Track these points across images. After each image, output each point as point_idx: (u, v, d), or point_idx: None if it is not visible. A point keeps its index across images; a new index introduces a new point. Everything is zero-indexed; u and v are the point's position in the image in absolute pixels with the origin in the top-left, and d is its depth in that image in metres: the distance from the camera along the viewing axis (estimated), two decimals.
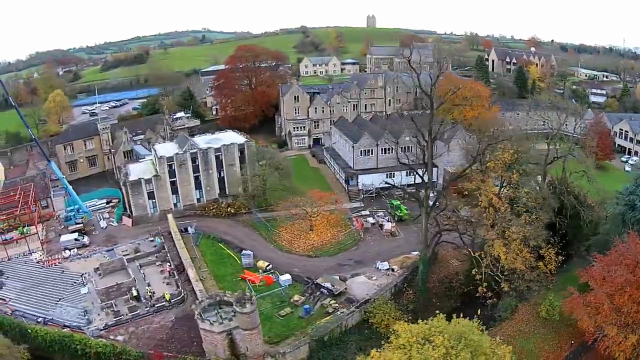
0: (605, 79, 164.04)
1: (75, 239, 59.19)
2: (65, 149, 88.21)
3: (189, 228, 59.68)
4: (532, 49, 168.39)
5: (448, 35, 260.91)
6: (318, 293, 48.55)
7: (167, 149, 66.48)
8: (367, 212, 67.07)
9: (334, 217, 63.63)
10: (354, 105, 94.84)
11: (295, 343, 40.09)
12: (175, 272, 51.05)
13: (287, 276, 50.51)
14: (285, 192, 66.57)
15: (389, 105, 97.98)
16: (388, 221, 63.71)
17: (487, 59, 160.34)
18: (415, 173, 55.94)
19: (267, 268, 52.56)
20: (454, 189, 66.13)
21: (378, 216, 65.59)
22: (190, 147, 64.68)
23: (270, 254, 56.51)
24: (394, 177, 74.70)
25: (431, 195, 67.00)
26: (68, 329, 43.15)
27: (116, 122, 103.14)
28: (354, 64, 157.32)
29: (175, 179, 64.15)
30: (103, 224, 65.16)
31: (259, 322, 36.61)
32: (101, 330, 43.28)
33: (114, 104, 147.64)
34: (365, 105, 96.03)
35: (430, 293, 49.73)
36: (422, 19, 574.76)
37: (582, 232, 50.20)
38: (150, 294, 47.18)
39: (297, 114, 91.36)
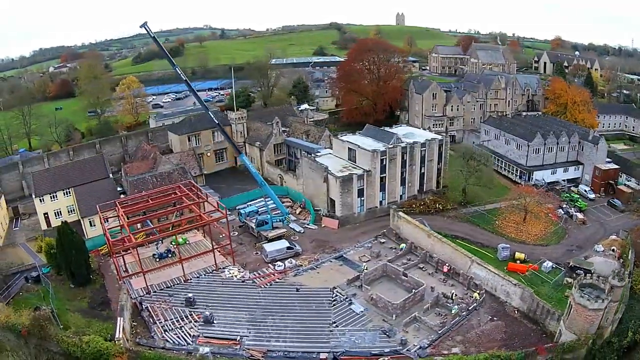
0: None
1: (288, 247, 51.70)
2: (189, 140, 79.90)
3: None
4: (576, 52, 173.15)
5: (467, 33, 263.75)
6: (574, 274, 49.28)
7: (366, 142, 61.73)
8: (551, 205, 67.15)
9: (545, 209, 63.57)
10: (480, 104, 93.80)
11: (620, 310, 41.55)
12: (454, 271, 47.70)
13: (549, 263, 50.99)
14: (484, 187, 65.19)
15: (508, 106, 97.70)
16: (577, 211, 66.31)
17: (537, 61, 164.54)
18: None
19: (525, 259, 51.92)
20: (602, 185, 74.96)
21: (565, 207, 67.01)
22: (397, 141, 60.43)
23: (505, 244, 55.05)
24: (555, 173, 77.35)
25: (588, 189, 74.41)
26: (385, 357, 36.26)
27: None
28: (414, 62, 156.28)
29: (384, 175, 59.68)
30: (296, 226, 58.33)
31: None
32: (426, 348, 38.09)
33: (174, 96, 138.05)
34: (490, 105, 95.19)
35: None
36: (433, 17, 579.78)
37: None
38: (453, 297, 43.53)
39: (434, 111, 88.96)
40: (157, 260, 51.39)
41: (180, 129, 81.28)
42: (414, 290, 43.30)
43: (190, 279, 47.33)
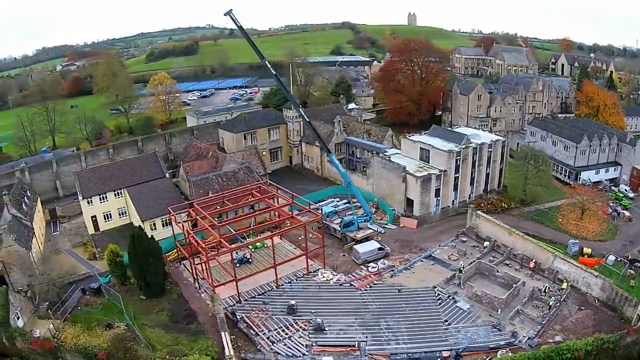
0: None
1: (379, 248, 52.18)
2: (245, 138, 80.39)
3: None
4: (592, 54, 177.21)
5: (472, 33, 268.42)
6: (633, 266, 52.78)
7: (437, 143, 64.08)
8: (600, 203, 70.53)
9: (600, 206, 66.96)
10: (520, 106, 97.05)
11: None
12: (539, 267, 50.69)
13: (613, 257, 54.03)
14: (544, 187, 68.12)
15: (544, 108, 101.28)
16: (623, 209, 69.84)
17: (554, 63, 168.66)
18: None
19: (592, 253, 54.92)
20: (639, 184, 78.62)
21: (613, 205, 70.48)
22: (467, 141, 62.98)
23: (574, 240, 58.12)
24: (599, 173, 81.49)
25: (627, 188, 77.65)
26: (502, 350, 38.16)
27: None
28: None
29: (458, 175, 62.19)
30: (375, 227, 58.67)
31: None
32: (534, 338, 40.49)
33: (199, 94, 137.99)
34: (529, 106, 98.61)
35: None
36: (435, 17, 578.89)
37: None
38: (546, 291, 46.73)
39: (478, 112, 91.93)
40: (237, 265, 49.03)
41: (235, 126, 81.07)
42: (514, 286, 46.00)
43: (282, 285, 46.38)
